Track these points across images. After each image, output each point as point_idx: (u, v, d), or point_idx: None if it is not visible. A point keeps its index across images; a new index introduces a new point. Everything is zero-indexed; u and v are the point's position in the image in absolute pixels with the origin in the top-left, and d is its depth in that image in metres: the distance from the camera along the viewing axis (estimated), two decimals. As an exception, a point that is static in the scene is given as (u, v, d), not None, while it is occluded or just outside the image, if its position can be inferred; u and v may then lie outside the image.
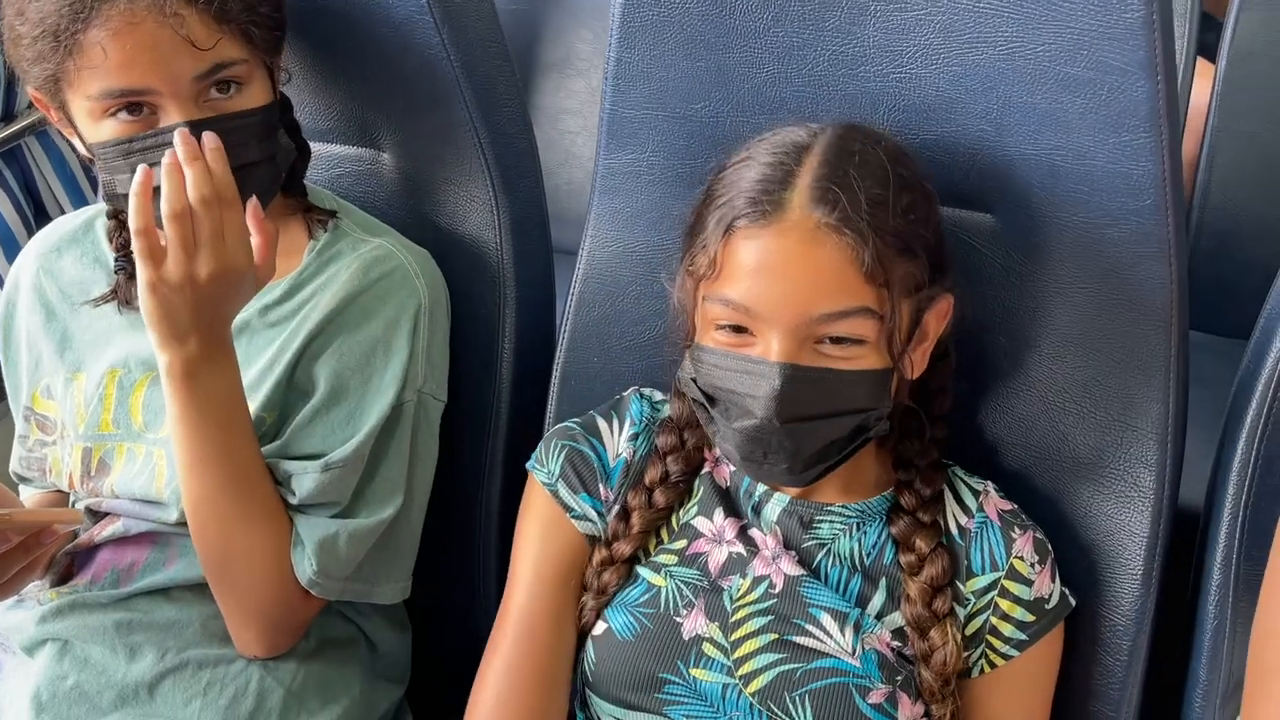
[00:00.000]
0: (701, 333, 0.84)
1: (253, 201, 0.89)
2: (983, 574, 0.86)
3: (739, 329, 0.80)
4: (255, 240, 0.89)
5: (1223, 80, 1.57)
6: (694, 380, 0.84)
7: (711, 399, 0.82)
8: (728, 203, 0.80)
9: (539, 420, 1.07)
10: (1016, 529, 0.87)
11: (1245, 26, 1.54)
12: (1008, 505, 0.89)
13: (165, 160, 0.84)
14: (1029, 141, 0.84)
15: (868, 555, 0.87)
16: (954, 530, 0.87)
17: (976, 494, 0.89)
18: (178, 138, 0.85)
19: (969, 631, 0.85)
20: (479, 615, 1.11)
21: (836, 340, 0.78)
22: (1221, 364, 1.05)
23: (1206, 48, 1.68)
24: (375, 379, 0.97)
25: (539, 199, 1.13)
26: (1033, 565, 0.86)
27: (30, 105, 1.29)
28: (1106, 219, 0.84)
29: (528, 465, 0.96)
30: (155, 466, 0.99)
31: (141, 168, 0.85)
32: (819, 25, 0.88)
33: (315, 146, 1.07)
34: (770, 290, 0.77)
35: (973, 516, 0.88)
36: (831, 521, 0.88)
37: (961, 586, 0.85)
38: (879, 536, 0.88)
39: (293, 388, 0.98)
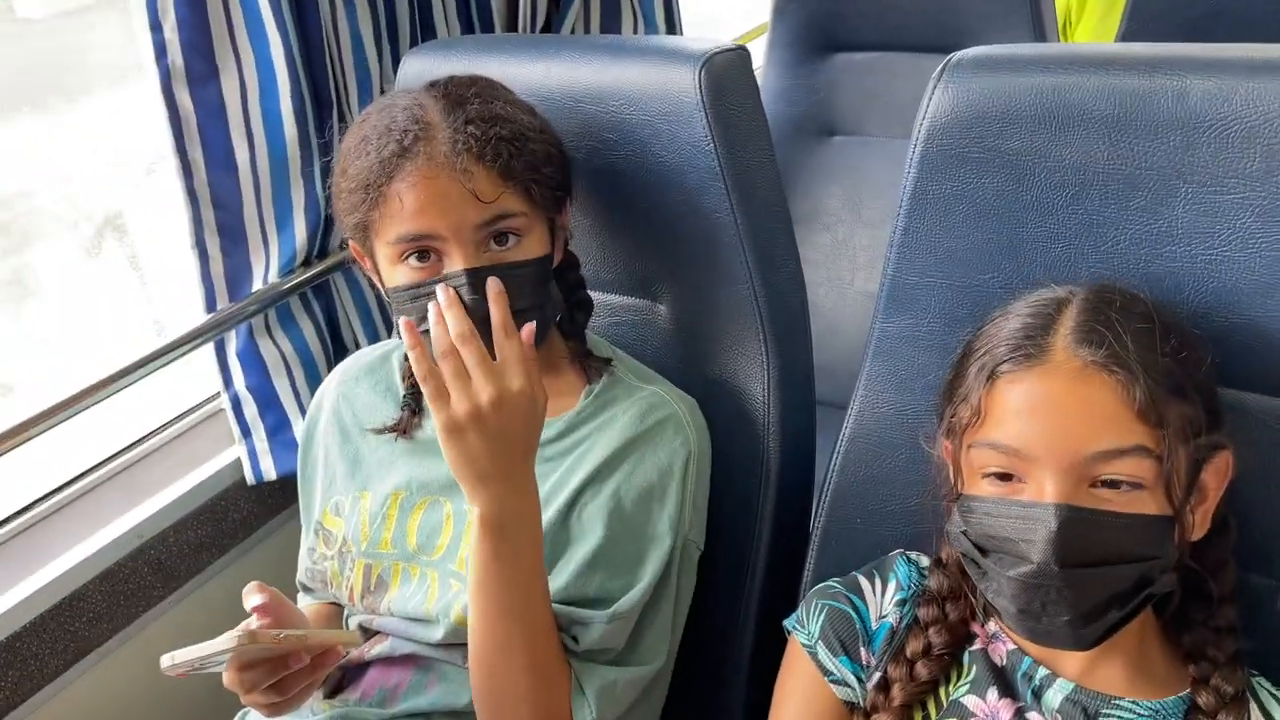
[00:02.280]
0: (968, 484, 0.83)
1: (528, 326, 0.93)
2: None
3: (1007, 476, 0.79)
4: None
5: None
6: (964, 533, 0.82)
7: (983, 550, 0.80)
8: (988, 353, 0.81)
9: (796, 576, 1.07)
10: None
11: None
12: None
13: (431, 313, 0.91)
14: (1357, 330, 0.80)
15: None
16: None
17: None
18: (440, 292, 0.92)
19: None
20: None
21: (1111, 484, 0.76)
22: None
23: None
24: (651, 526, 0.99)
25: (807, 356, 1.15)
26: None
27: (341, 246, 1.43)
28: None
29: (786, 624, 0.95)
30: (428, 588, 1.04)
31: (404, 321, 0.93)
32: (1123, 203, 0.87)
33: (596, 296, 1.13)
34: (1040, 431, 0.76)
35: None
36: (1121, 716, 0.82)
37: None
38: None
39: (565, 525, 1.01)
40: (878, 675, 0.88)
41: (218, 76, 1.25)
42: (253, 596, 0.94)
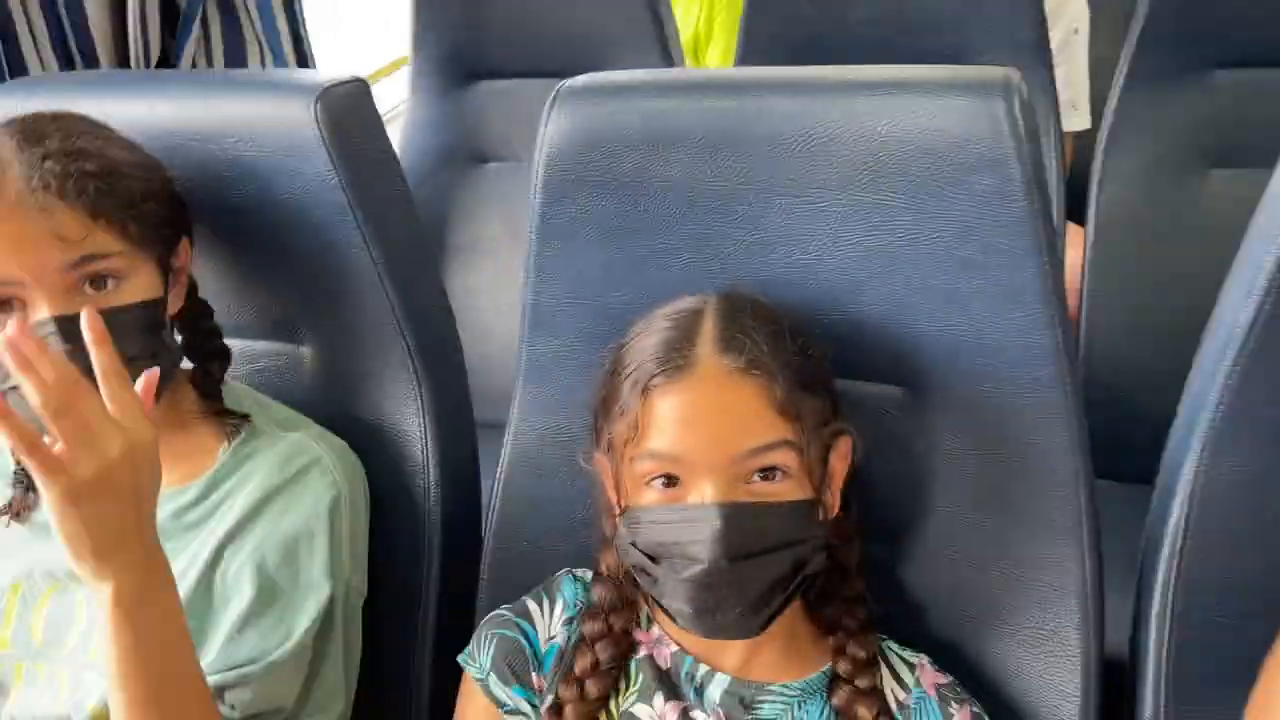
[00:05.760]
0: (631, 496, 0.86)
1: (150, 375, 0.82)
2: None
3: (670, 481, 0.83)
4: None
5: (1091, 246, 1.69)
6: (633, 544, 0.84)
7: (654, 558, 0.83)
8: (638, 368, 0.85)
9: (470, 608, 1.05)
10: (954, 703, 0.87)
11: (1107, 197, 1.69)
12: (944, 678, 0.90)
13: (12, 364, 0.74)
14: (929, 318, 0.89)
15: None
16: (893, 706, 0.88)
17: (912, 667, 0.90)
18: (4, 343, 0.75)
19: None
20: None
21: (764, 476, 0.81)
22: (1128, 509, 1.09)
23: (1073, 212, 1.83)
24: (304, 574, 0.94)
25: (462, 384, 1.14)
26: None
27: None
28: (1010, 388, 0.89)
29: (459, 659, 0.93)
30: (58, 688, 0.94)
31: None
32: (728, 215, 0.93)
33: (234, 343, 1.06)
34: (695, 436, 0.81)
35: (910, 691, 0.88)
36: (773, 701, 0.87)
37: None
38: (821, 712, 0.87)
39: (208, 591, 0.94)
40: (550, 698, 0.89)
41: None
42: None
